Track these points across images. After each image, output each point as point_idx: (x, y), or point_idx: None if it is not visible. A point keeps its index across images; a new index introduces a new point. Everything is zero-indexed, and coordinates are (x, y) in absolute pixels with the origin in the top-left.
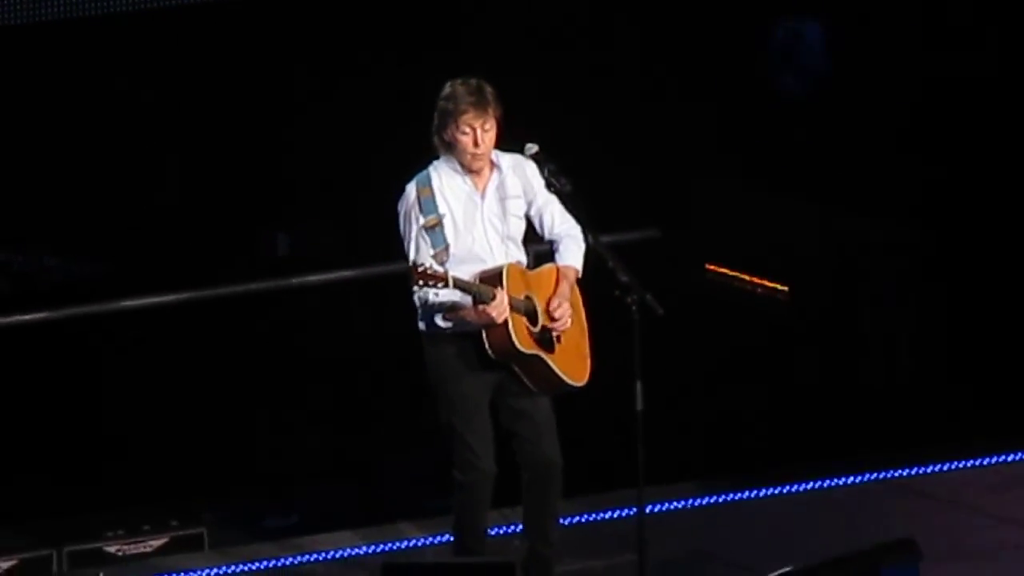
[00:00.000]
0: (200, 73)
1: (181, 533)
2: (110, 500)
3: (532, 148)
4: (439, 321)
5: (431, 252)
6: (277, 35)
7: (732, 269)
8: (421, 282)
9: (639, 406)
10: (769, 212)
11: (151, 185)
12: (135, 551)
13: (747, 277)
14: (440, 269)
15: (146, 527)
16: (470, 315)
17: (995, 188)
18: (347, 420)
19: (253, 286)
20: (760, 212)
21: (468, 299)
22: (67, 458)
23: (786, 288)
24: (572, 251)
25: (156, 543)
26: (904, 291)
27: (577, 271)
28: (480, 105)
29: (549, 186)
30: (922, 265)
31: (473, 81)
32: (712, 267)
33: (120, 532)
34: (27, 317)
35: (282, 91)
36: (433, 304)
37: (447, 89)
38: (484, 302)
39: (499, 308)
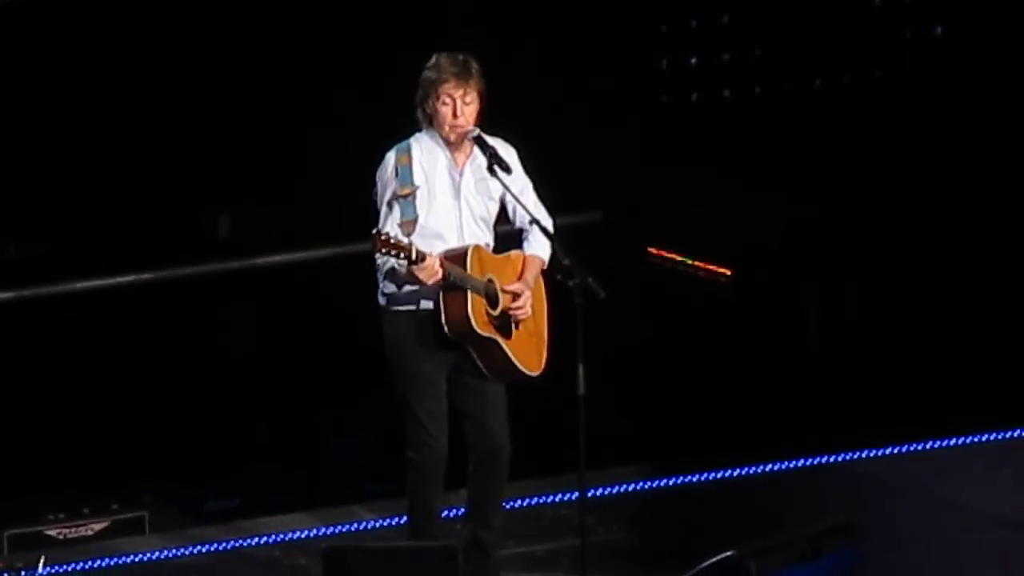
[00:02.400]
0: (141, 55)
1: (122, 516)
2: (51, 483)
3: (474, 131)
4: (390, 288)
5: (398, 221)
6: (219, 18)
7: (674, 252)
8: (384, 250)
9: (581, 390)
10: (711, 195)
11: (91, 167)
12: (76, 534)
13: (689, 260)
14: (404, 240)
15: (87, 510)
16: (405, 275)
17: (934, 170)
18: (288, 403)
19: (194, 269)
20: (702, 195)
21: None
22: (7, 441)
23: (728, 271)
24: (541, 241)
25: (97, 526)
26: (847, 275)
27: (543, 261)
28: (462, 76)
29: (490, 169)
30: (864, 249)
31: (460, 55)
32: (654, 250)
33: (61, 515)
34: None
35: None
36: (395, 271)
37: (432, 60)
38: (413, 262)
39: (427, 271)
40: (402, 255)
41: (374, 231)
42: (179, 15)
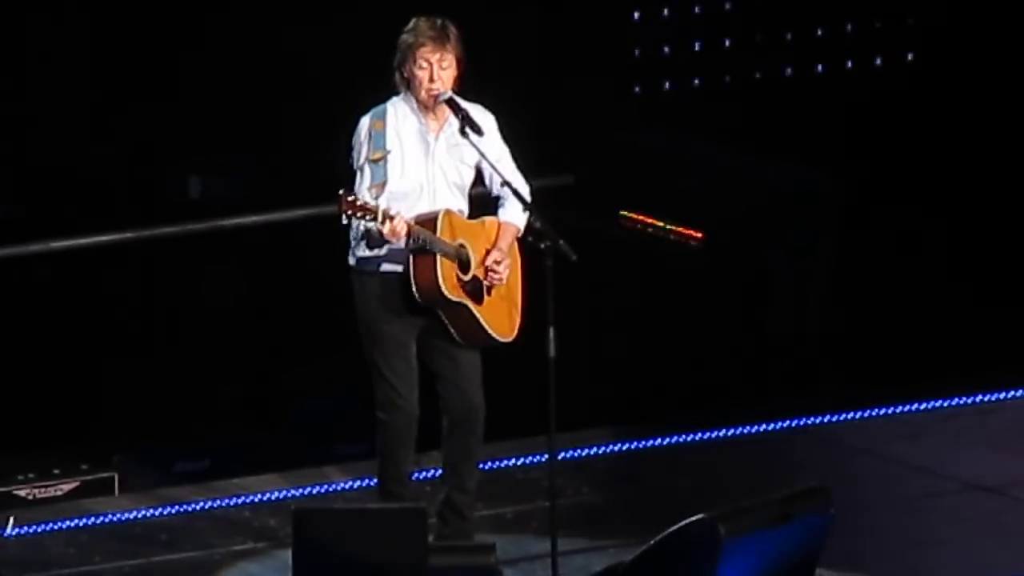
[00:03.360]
0: (112, 14)
1: (92, 477)
2: (21, 444)
3: (446, 94)
4: (365, 251)
5: (367, 184)
6: None
7: (646, 215)
8: (349, 212)
9: (551, 352)
10: (682, 158)
11: (63, 127)
12: (45, 495)
13: (660, 223)
14: (372, 202)
15: (56, 471)
16: (375, 235)
17: (905, 136)
18: (257, 364)
19: (164, 229)
20: (673, 158)
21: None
22: None
23: (700, 235)
24: (516, 208)
25: (67, 487)
26: (817, 237)
27: (519, 229)
28: (439, 40)
29: (461, 131)
30: (835, 211)
31: (438, 19)
32: (626, 213)
33: (30, 476)
34: None
35: (194, 33)
36: (369, 233)
37: (410, 24)
38: (380, 222)
39: (393, 231)
40: (368, 217)
41: (340, 192)
42: None
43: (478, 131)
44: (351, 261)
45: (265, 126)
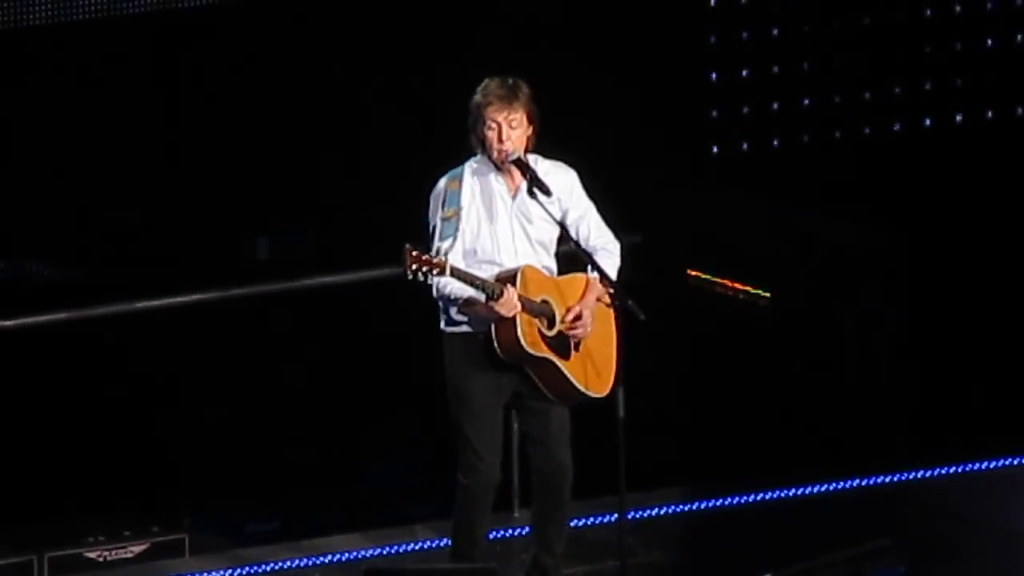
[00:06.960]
0: (179, 74)
1: (162, 539)
2: (91, 505)
3: (515, 154)
4: (454, 315)
5: (438, 240)
6: (265, 41)
7: (713, 275)
8: (414, 266)
9: (621, 412)
10: (750, 217)
11: (132, 190)
12: (116, 557)
13: (728, 283)
14: (439, 257)
15: (127, 533)
16: (482, 310)
17: (971, 190)
18: (329, 424)
19: (233, 291)
20: (741, 217)
21: (482, 295)
22: (49, 463)
23: (767, 294)
24: (605, 264)
25: (137, 549)
26: (885, 295)
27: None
28: (506, 99)
29: (529, 192)
30: (903, 269)
31: (509, 78)
32: (694, 272)
33: (101, 538)
34: (9, 323)
35: (267, 96)
36: (447, 296)
37: (482, 84)
38: (492, 298)
39: (507, 305)
40: (436, 271)
41: (406, 247)
42: (223, 41)
43: (546, 192)
44: (441, 324)
45: (334, 186)
